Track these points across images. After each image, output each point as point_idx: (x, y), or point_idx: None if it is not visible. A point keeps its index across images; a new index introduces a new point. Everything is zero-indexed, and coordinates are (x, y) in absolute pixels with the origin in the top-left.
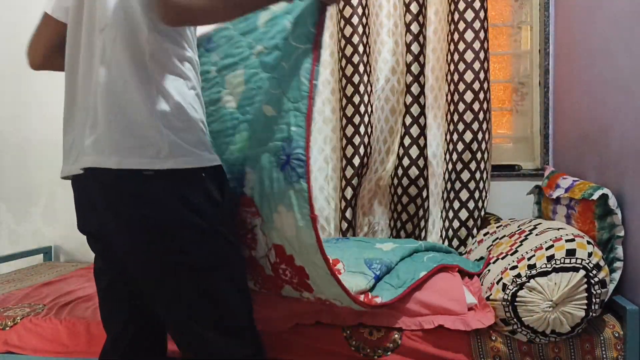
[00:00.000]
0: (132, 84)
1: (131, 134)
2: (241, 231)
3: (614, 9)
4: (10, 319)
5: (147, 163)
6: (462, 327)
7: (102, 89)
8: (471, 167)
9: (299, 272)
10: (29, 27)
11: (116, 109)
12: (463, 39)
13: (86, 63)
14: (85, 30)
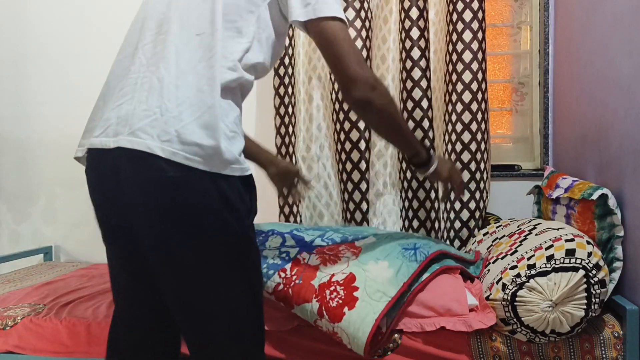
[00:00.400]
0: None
1: (196, 132)
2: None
3: (614, 9)
4: (10, 319)
5: (208, 164)
6: (463, 328)
7: (189, 85)
8: (471, 168)
9: (348, 302)
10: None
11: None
12: (461, 39)
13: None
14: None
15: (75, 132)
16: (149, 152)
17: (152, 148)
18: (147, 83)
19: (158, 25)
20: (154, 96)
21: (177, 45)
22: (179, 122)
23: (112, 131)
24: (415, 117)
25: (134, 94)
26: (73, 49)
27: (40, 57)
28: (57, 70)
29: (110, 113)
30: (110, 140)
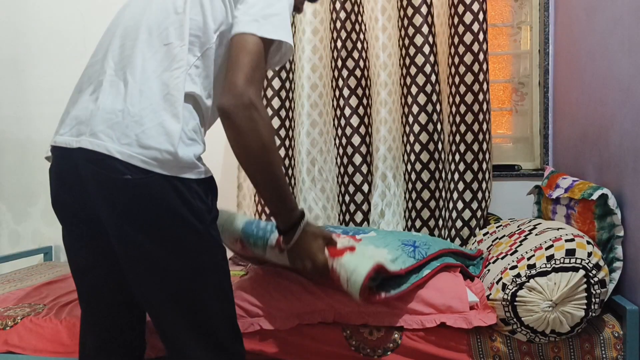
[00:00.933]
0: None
1: (155, 137)
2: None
3: (614, 9)
4: (10, 319)
5: (165, 168)
6: (464, 325)
7: (153, 91)
8: (474, 168)
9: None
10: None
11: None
12: (462, 41)
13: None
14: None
15: None
16: (107, 154)
17: (111, 150)
18: (113, 87)
19: (128, 32)
20: (118, 99)
21: (144, 52)
22: (140, 126)
23: (76, 131)
24: (421, 121)
25: (99, 96)
26: (73, 49)
27: (40, 57)
28: (57, 70)
29: (77, 113)
30: (73, 139)
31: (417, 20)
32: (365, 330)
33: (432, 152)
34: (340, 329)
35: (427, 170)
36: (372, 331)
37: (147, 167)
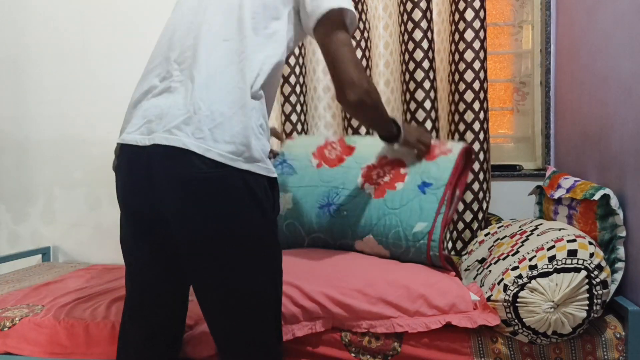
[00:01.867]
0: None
1: (229, 131)
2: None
3: (615, 8)
4: (9, 320)
5: (239, 162)
6: (469, 324)
7: (219, 87)
8: (474, 168)
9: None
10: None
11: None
12: (463, 38)
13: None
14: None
15: (75, 133)
16: (184, 149)
17: (187, 144)
18: (179, 84)
19: (187, 33)
20: (187, 97)
21: (207, 49)
22: (212, 121)
23: (146, 129)
24: (418, 118)
25: (167, 95)
26: (73, 49)
27: (40, 57)
28: (57, 70)
29: (145, 112)
30: (144, 137)
31: (416, 15)
32: (364, 339)
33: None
34: (339, 336)
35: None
36: (371, 340)
37: (222, 161)
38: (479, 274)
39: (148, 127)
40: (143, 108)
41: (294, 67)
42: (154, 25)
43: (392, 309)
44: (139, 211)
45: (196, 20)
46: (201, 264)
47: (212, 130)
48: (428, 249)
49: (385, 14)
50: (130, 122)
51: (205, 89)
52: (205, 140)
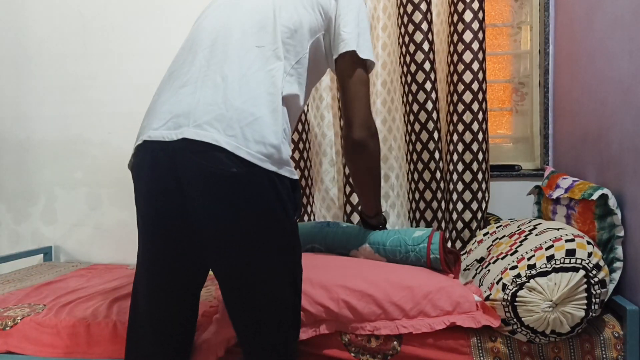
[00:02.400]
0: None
1: (259, 131)
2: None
3: (614, 9)
4: (10, 319)
5: (267, 163)
6: (472, 324)
7: (252, 87)
8: (473, 168)
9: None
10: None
11: (264, 108)
12: (462, 39)
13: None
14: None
15: (75, 132)
16: (215, 145)
17: (219, 141)
18: (209, 81)
19: (217, 35)
20: (218, 93)
21: (238, 51)
22: (244, 119)
23: (174, 124)
24: (421, 119)
25: (195, 90)
26: (73, 49)
27: (40, 57)
28: (57, 70)
29: (171, 107)
30: (172, 132)
31: (416, 17)
32: (364, 338)
33: (432, 152)
34: (338, 335)
35: (428, 170)
36: (370, 339)
37: (252, 160)
38: (477, 273)
39: (175, 122)
40: (170, 102)
41: None
42: (153, 25)
43: (396, 311)
44: (160, 207)
45: (229, 23)
46: (226, 257)
47: (243, 129)
48: (428, 252)
49: (384, 15)
50: (156, 118)
51: (237, 88)
52: (236, 138)
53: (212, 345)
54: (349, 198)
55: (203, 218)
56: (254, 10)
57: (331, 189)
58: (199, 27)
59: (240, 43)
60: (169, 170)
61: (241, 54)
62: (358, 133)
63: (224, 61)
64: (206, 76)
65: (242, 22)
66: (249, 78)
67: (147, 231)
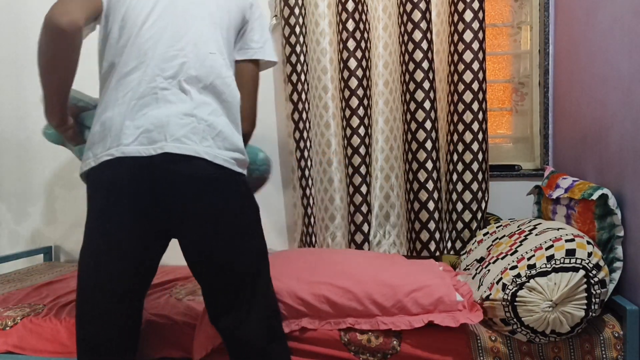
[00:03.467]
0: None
1: (228, 139)
2: None
3: (614, 8)
4: (10, 319)
5: (236, 166)
6: (452, 323)
7: (211, 98)
8: (473, 168)
9: None
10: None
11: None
12: (462, 39)
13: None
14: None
15: None
16: (195, 156)
17: (199, 152)
18: (174, 95)
19: (167, 42)
20: (185, 107)
21: (193, 61)
22: (213, 130)
23: (147, 139)
24: (418, 118)
25: (158, 104)
26: None
27: None
28: None
29: (140, 123)
30: (148, 148)
31: (415, 15)
32: (363, 338)
33: (429, 151)
34: (338, 335)
35: (424, 170)
36: (370, 339)
37: (226, 165)
38: (477, 273)
39: (148, 137)
40: (132, 117)
41: (296, 65)
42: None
43: (376, 308)
44: (145, 218)
45: (181, 30)
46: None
47: (214, 139)
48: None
49: (384, 14)
50: (122, 133)
51: (200, 100)
52: (211, 148)
53: (210, 335)
54: (352, 198)
55: (188, 220)
56: (200, 16)
57: (329, 189)
58: (142, 34)
59: (195, 52)
60: (147, 185)
61: (197, 64)
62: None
63: (181, 72)
64: (169, 90)
65: (195, 28)
66: (208, 90)
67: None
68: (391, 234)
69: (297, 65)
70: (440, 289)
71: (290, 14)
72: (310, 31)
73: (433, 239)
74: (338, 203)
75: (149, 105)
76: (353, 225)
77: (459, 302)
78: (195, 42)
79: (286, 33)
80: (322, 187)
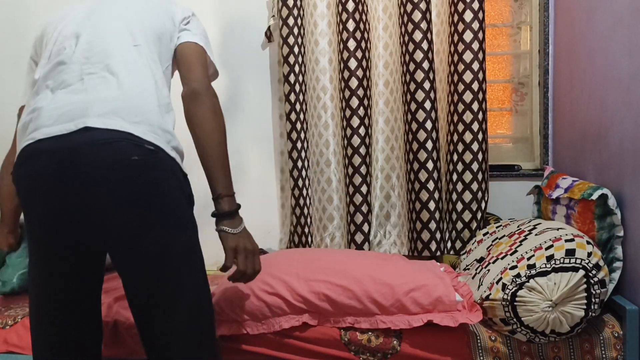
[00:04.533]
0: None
1: (159, 120)
2: None
3: (614, 9)
4: (10, 318)
5: (167, 146)
6: (451, 323)
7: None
8: (473, 168)
9: None
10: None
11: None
12: (462, 39)
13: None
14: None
15: None
16: (121, 131)
17: (125, 127)
18: (96, 76)
19: (90, 32)
20: (111, 86)
21: (119, 49)
22: (141, 108)
23: (68, 117)
24: (419, 118)
25: (87, 88)
26: None
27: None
28: None
29: (58, 105)
30: (70, 124)
31: (415, 16)
32: (364, 337)
33: (430, 151)
34: (338, 334)
35: (425, 170)
36: (370, 338)
37: (159, 144)
38: (477, 273)
39: (69, 116)
40: (55, 103)
41: (293, 65)
42: None
43: (375, 307)
44: (60, 212)
45: (104, 20)
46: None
47: (146, 116)
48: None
49: (384, 15)
50: (43, 117)
51: (129, 81)
52: (141, 125)
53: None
54: (352, 198)
55: (110, 207)
56: (122, 9)
57: (327, 189)
58: (60, 33)
59: (119, 42)
60: (71, 166)
61: (123, 52)
62: (194, 84)
63: (108, 58)
64: (91, 72)
65: (115, 22)
66: (136, 74)
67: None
68: (392, 234)
69: (294, 65)
70: (439, 288)
71: (289, 14)
72: (308, 32)
73: (434, 238)
74: (337, 203)
75: (73, 90)
76: (353, 225)
77: (458, 302)
78: (116, 34)
79: (284, 33)
80: (319, 187)
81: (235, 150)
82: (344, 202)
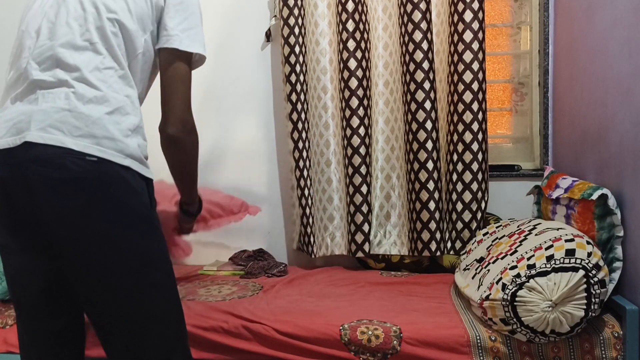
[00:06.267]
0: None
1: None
2: None
3: (614, 9)
4: (10, 318)
5: (114, 155)
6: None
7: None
8: (473, 168)
9: None
10: None
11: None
12: (462, 39)
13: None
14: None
15: None
16: (61, 147)
17: (65, 142)
18: (45, 85)
19: (45, 32)
20: (60, 97)
21: (70, 51)
22: (88, 117)
23: (16, 130)
24: (419, 118)
25: (38, 97)
26: None
27: None
28: None
29: (11, 116)
30: (15, 138)
31: (415, 16)
32: (364, 338)
33: (430, 151)
34: (338, 334)
35: (425, 170)
36: (370, 338)
37: (103, 156)
38: (477, 273)
39: (17, 128)
40: (9, 112)
41: (295, 65)
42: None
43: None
44: (17, 223)
45: (58, 20)
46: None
47: (89, 127)
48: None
49: (384, 15)
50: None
51: (80, 91)
52: (84, 138)
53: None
54: (352, 198)
55: (58, 228)
56: (78, 6)
57: (327, 189)
58: (26, 22)
59: (72, 43)
60: (17, 178)
61: (75, 54)
62: (172, 129)
63: (58, 63)
64: (41, 81)
65: (69, 20)
66: (87, 80)
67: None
68: (392, 233)
69: (295, 65)
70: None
71: (290, 14)
72: (309, 32)
73: (434, 238)
74: (337, 203)
75: (28, 98)
76: (353, 225)
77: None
78: (71, 34)
79: (285, 33)
80: (320, 187)
81: (237, 150)
82: (344, 202)
